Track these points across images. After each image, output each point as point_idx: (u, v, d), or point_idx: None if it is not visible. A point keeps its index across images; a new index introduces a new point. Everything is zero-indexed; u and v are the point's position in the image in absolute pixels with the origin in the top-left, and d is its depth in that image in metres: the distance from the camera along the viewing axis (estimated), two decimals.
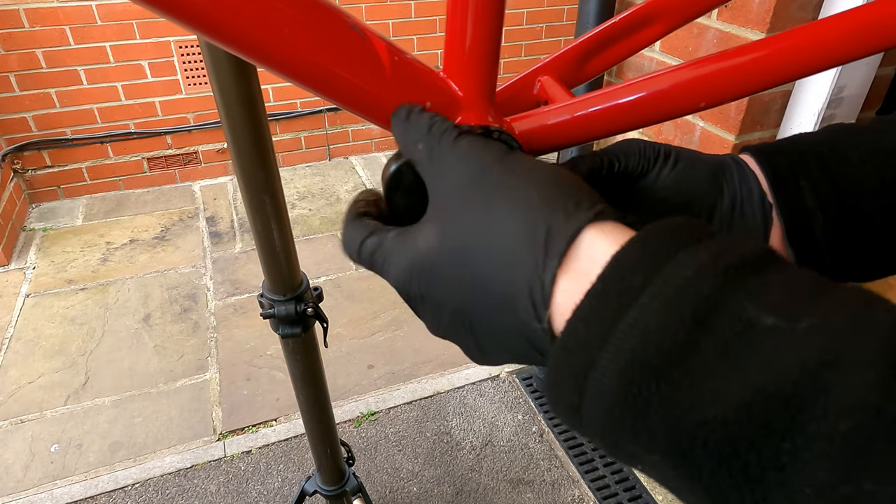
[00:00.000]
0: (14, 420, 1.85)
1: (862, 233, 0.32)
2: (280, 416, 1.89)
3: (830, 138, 0.33)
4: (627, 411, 0.19)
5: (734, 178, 0.32)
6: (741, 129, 1.15)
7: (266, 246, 0.79)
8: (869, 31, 0.29)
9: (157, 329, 2.23)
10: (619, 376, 0.19)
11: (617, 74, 1.42)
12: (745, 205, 0.32)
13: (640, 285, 0.19)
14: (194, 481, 1.68)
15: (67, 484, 1.67)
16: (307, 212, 3.01)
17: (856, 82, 1.11)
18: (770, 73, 0.30)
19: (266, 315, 0.86)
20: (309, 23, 0.25)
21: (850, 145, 0.32)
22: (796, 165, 0.32)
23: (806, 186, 0.31)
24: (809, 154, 0.32)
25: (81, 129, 2.94)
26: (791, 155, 0.32)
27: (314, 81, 0.27)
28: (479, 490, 1.66)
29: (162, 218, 2.95)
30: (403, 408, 1.92)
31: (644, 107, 0.32)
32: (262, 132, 0.69)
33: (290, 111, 3.29)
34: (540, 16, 3.58)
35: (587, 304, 0.20)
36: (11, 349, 2.12)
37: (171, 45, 2.91)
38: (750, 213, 0.32)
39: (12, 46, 2.65)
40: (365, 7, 3.17)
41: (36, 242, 2.72)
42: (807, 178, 0.31)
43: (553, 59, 0.37)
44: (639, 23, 0.37)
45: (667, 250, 0.20)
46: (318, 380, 1.00)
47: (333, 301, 2.37)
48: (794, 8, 1.04)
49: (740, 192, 0.32)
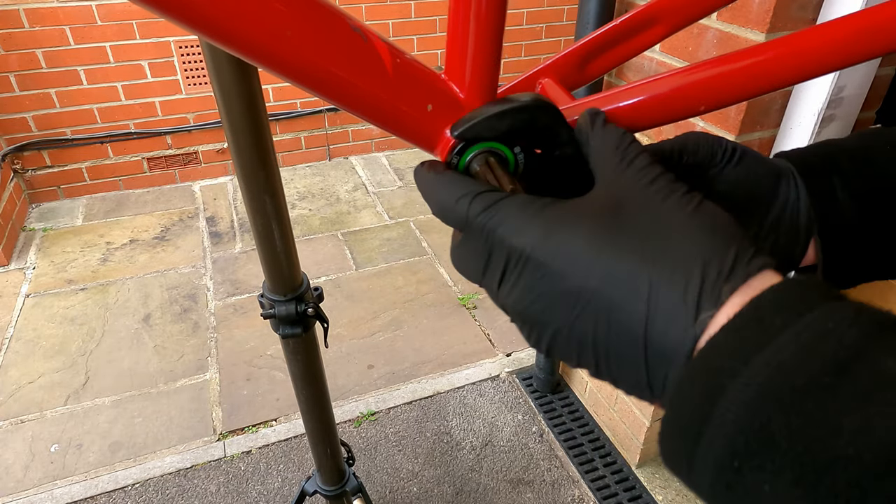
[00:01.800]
0: (14, 420, 1.86)
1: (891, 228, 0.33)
2: (280, 416, 1.89)
3: (860, 140, 0.35)
4: (753, 438, 0.19)
5: (790, 183, 0.33)
6: (741, 129, 1.15)
7: (266, 246, 0.79)
8: (869, 36, 0.29)
9: (157, 329, 2.23)
10: (746, 407, 0.19)
11: (618, 75, 1.42)
12: (793, 210, 0.33)
13: (780, 326, 0.20)
14: (194, 481, 1.68)
15: (67, 484, 1.67)
16: (307, 212, 3.01)
17: (856, 82, 1.11)
18: (770, 78, 0.30)
19: (266, 315, 0.86)
20: (311, 25, 0.25)
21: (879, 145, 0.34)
22: (828, 163, 0.33)
23: (838, 184, 0.32)
24: (841, 154, 0.33)
25: (81, 129, 2.94)
26: (824, 156, 0.34)
27: (315, 83, 0.27)
28: (479, 490, 1.66)
29: (162, 218, 2.95)
30: (403, 408, 1.92)
31: (644, 110, 0.32)
32: (263, 132, 0.69)
33: (291, 111, 3.29)
34: (540, 16, 3.58)
35: (721, 337, 0.21)
36: (11, 349, 2.12)
37: (171, 45, 2.91)
38: (797, 219, 0.33)
39: (12, 46, 2.65)
40: (365, 7, 3.17)
41: (36, 242, 2.72)
42: (840, 177, 0.33)
43: (554, 62, 0.37)
44: (640, 25, 0.37)
45: (808, 302, 0.20)
46: (318, 380, 1.00)
47: (333, 301, 2.37)
48: (794, 8, 1.03)
49: (790, 198, 0.33)
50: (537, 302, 0.25)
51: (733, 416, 0.19)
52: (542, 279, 0.25)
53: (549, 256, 0.24)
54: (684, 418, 0.21)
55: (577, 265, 0.24)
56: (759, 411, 0.19)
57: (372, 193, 3.18)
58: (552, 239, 0.24)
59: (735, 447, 0.19)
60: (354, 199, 3.12)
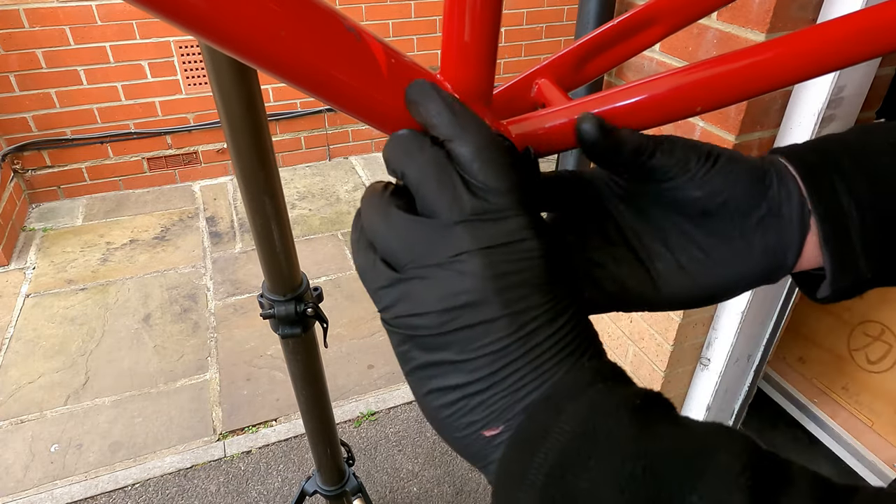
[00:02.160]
0: (14, 420, 1.86)
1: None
2: (280, 416, 1.89)
3: (862, 137, 0.32)
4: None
5: (774, 181, 0.31)
6: (741, 130, 1.15)
7: (266, 246, 0.79)
8: (869, 36, 0.28)
9: (157, 329, 2.23)
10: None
11: (617, 74, 1.42)
12: (783, 208, 0.31)
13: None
14: (194, 481, 1.69)
15: (67, 484, 1.67)
16: (307, 212, 3.01)
17: (856, 82, 1.11)
18: (768, 78, 0.30)
19: (266, 315, 0.86)
20: (304, 25, 0.25)
21: (883, 143, 0.32)
22: (830, 165, 0.31)
23: (841, 187, 0.31)
24: (843, 153, 0.31)
25: (81, 129, 2.94)
26: (825, 155, 0.32)
27: (310, 83, 0.27)
28: (479, 490, 1.66)
29: (162, 218, 2.95)
30: (403, 408, 1.92)
31: (641, 110, 0.31)
32: (262, 132, 0.69)
33: (290, 111, 3.29)
34: (540, 16, 3.58)
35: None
36: (11, 349, 2.12)
37: (171, 45, 2.91)
38: (788, 218, 0.31)
39: (12, 46, 2.65)
40: (365, 7, 3.17)
41: (36, 242, 2.73)
42: (841, 178, 0.31)
43: (551, 62, 0.36)
44: (639, 25, 0.37)
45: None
46: (318, 380, 1.00)
47: (333, 301, 2.37)
48: (794, 8, 1.03)
49: (779, 196, 0.31)
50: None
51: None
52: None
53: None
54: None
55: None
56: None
57: None
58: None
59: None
60: (354, 199, 3.12)
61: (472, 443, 0.26)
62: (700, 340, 1.53)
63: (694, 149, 0.31)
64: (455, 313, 0.25)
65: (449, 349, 0.26)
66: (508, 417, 0.25)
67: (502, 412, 0.25)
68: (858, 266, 0.31)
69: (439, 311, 0.25)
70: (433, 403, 0.27)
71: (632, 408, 0.24)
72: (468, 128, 0.27)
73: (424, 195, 0.27)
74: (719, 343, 1.50)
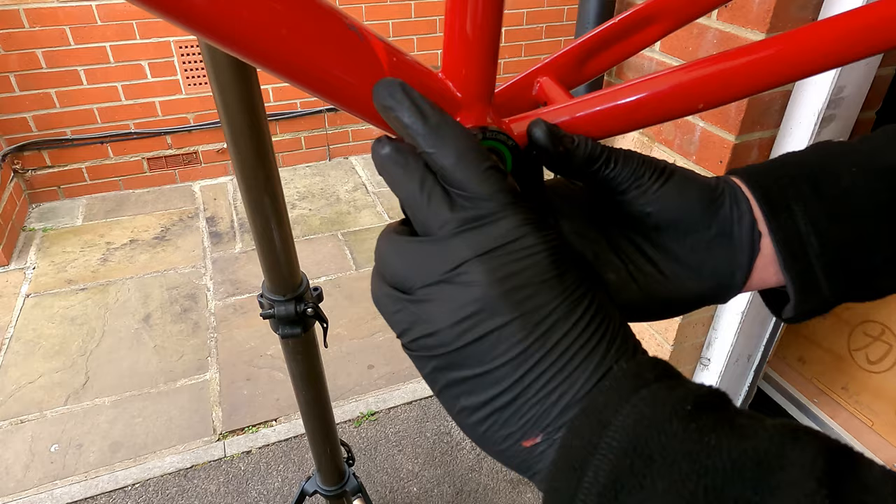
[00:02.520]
0: (14, 420, 1.86)
1: (858, 255, 0.31)
2: (280, 416, 1.89)
3: (821, 159, 0.32)
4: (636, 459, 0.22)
5: (726, 203, 0.32)
6: (741, 129, 1.15)
7: (266, 246, 0.79)
8: (869, 33, 0.28)
9: (157, 329, 2.23)
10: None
11: (617, 74, 1.42)
12: (733, 230, 0.31)
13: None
14: (194, 481, 1.68)
15: (67, 484, 1.67)
16: (307, 212, 3.01)
17: (856, 82, 1.11)
18: (769, 75, 0.30)
19: (266, 315, 0.86)
20: (306, 24, 0.25)
21: (842, 166, 0.32)
22: (788, 189, 0.31)
23: (798, 211, 0.31)
24: (801, 177, 0.31)
25: (81, 129, 2.94)
26: (782, 178, 0.32)
27: (311, 82, 0.27)
28: (479, 490, 1.66)
29: (162, 218, 2.95)
30: (403, 408, 1.92)
31: (643, 108, 0.31)
32: (262, 132, 0.69)
33: (290, 111, 3.29)
34: (540, 16, 3.58)
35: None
36: (11, 349, 2.12)
37: (171, 45, 2.91)
38: (738, 239, 0.31)
39: (12, 46, 2.65)
40: (365, 7, 3.17)
41: (36, 242, 2.73)
42: (799, 203, 0.31)
43: (552, 60, 0.36)
44: (638, 23, 0.37)
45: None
46: (318, 380, 1.00)
47: (333, 301, 2.37)
48: (794, 8, 1.03)
49: (731, 217, 0.31)
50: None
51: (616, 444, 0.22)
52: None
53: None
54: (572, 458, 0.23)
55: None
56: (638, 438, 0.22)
57: (372, 193, 3.18)
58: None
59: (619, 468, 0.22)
60: (354, 199, 3.12)
61: (514, 455, 0.25)
62: (700, 340, 1.53)
63: (648, 164, 0.32)
64: (466, 325, 0.25)
65: (469, 364, 0.25)
66: (546, 425, 0.24)
67: (537, 420, 0.24)
68: (820, 289, 0.31)
69: (451, 325, 0.25)
70: (467, 421, 0.26)
71: (683, 416, 0.22)
72: (444, 137, 0.27)
73: (415, 216, 0.27)
74: (719, 343, 1.50)
